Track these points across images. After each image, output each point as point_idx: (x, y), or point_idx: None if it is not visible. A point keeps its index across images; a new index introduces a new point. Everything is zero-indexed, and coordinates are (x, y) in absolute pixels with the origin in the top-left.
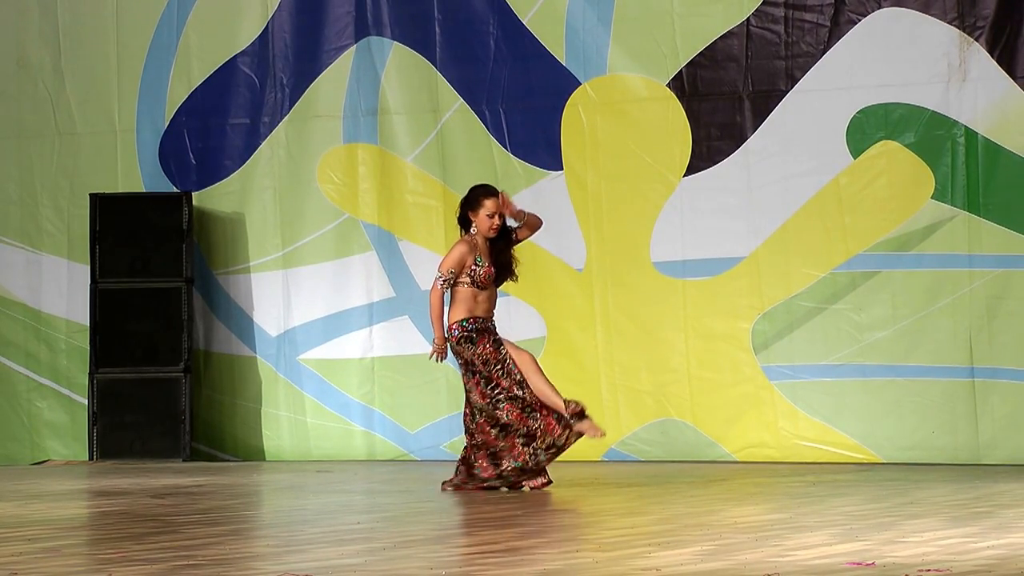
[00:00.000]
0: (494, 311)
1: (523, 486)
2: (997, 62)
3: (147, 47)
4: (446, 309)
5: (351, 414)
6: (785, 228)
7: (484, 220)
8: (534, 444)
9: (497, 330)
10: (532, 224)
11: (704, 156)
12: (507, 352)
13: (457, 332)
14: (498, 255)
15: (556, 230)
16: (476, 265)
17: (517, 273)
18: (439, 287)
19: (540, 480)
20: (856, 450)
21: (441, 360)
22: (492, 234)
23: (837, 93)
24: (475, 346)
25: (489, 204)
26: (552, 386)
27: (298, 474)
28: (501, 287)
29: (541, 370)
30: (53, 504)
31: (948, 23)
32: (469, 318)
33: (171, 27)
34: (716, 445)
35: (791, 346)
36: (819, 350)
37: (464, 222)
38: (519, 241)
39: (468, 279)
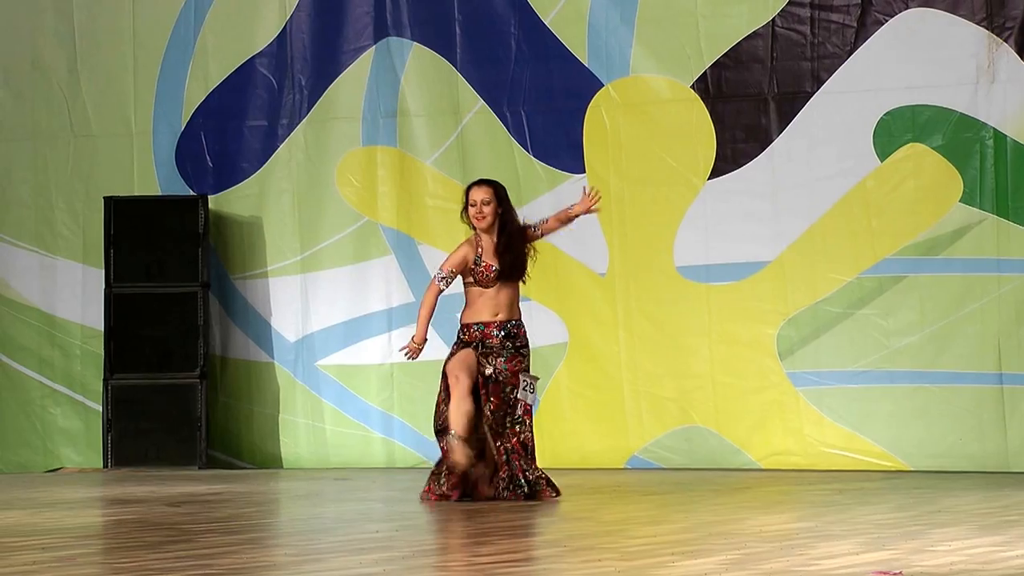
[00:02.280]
0: (513, 312)
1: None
2: None
3: (164, 48)
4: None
5: (370, 421)
6: (811, 232)
7: (469, 211)
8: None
9: (509, 336)
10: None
11: (729, 159)
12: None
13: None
14: (503, 251)
15: (578, 234)
16: (475, 263)
17: (529, 271)
18: (435, 284)
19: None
20: (883, 457)
21: (412, 358)
22: (479, 224)
23: (864, 95)
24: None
25: (471, 194)
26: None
27: (316, 482)
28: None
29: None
30: (67, 512)
31: (976, 24)
32: (465, 325)
33: (188, 28)
34: (741, 452)
35: (817, 352)
36: (845, 356)
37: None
38: (542, 235)
39: (472, 278)
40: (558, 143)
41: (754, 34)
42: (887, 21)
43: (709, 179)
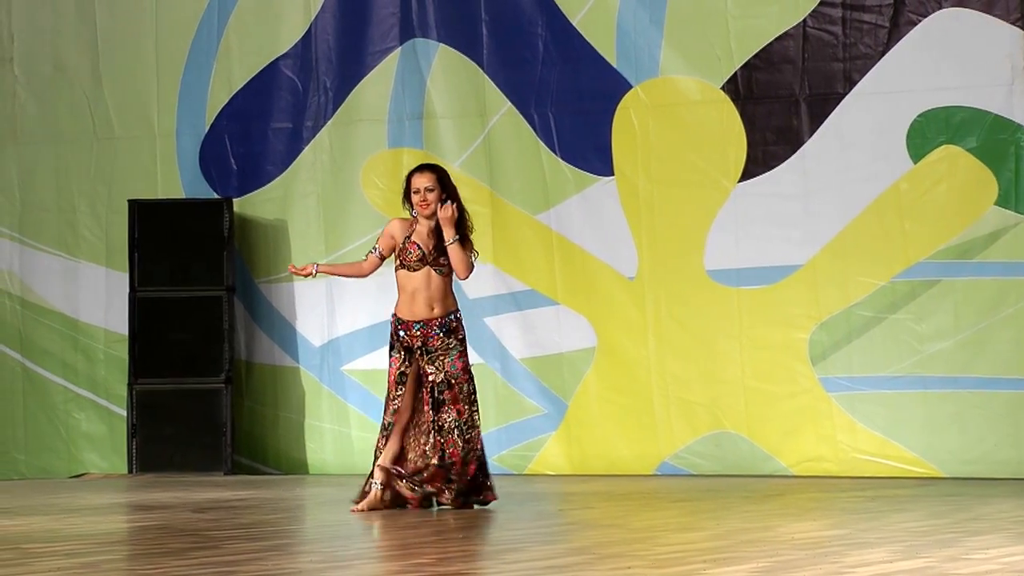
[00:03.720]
0: (448, 304)
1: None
2: None
3: (187, 50)
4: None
5: None
6: (843, 235)
7: (412, 198)
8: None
9: (450, 333)
10: (458, 259)
11: (759, 161)
12: (407, 385)
13: (390, 327)
14: (439, 240)
15: (607, 237)
16: (405, 244)
17: (464, 264)
18: (370, 256)
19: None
20: (917, 464)
21: (294, 271)
22: (424, 211)
23: (897, 96)
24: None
25: (414, 180)
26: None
27: (342, 488)
28: (546, 294)
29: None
30: (91, 518)
31: (1011, 24)
32: (403, 322)
33: (211, 29)
34: (772, 459)
35: (849, 357)
36: (878, 361)
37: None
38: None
39: (399, 260)
40: (586, 145)
41: (785, 35)
42: (920, 21)
43: (739, 181)
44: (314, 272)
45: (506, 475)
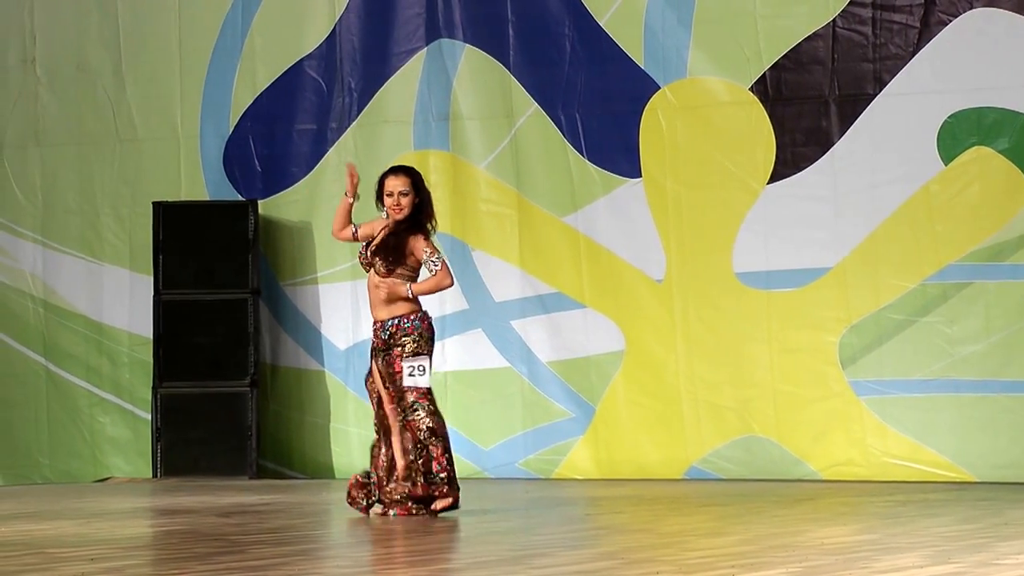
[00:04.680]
0: (394, 310)
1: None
2: None
3: (211, 50)
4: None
5: None
6: (873, 237)
7: (385, 200)
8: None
9: (388, 343)
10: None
11: (788, 162)
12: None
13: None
14: (386, 237)
15: (634, 239)
16: (363, 247)
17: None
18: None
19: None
20: (948, 468)
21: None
22: (396, 215)
23: (927, 97)
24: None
25: (387, 183)
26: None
27: None
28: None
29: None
30: (116, 523)
31: None
32: (374, 322)
33: (235, 30)
34: (802, 463)
35: (880, 360)
36: (909, 364)
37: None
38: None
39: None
40: (613, 146)
41: (814, 35)
42: (951, 21)
43: (768, 183)
44: (352, 198)
45: (533, 479)
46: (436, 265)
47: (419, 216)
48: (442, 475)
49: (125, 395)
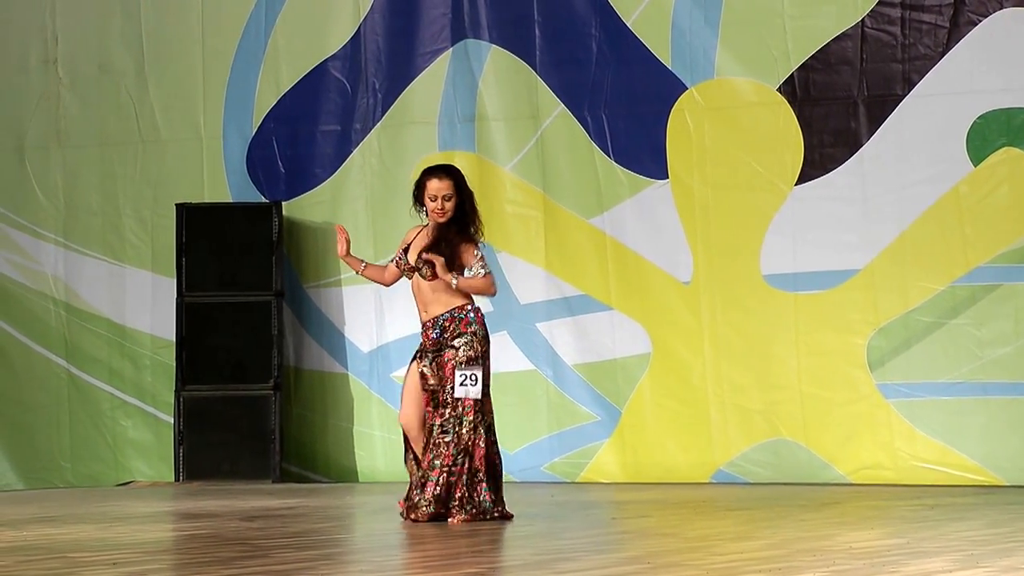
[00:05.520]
0: (448, 303)
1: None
2: None
3: (234, 51)
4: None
5: None
6: (902, 239)
7: (428, 204)
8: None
9: (440, 342)
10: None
11: (816, 164)
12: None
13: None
14: (429, 247)
15: (661, 241)
16: (401, 255)
17: (445, 276)
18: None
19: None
20: (977, 472)
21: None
22: (440, 219)
23: (956, 98)
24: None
25: (430, 186)
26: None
27: (392, 496)
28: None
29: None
30: (138, 527)
31: None
32: (424, 321)
33: (259, 30)
34: (829, 466)
35: (908, 363)
36: (938, 367)
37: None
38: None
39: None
40: (640, 148)
41: (843, 35)
42: (980, 21)
43: (796, 185)
44: (361, 270)
45: (558, 483)
46: (481, 274)
47: (464, 219)
48: (487, 502)
49: (148, 398)
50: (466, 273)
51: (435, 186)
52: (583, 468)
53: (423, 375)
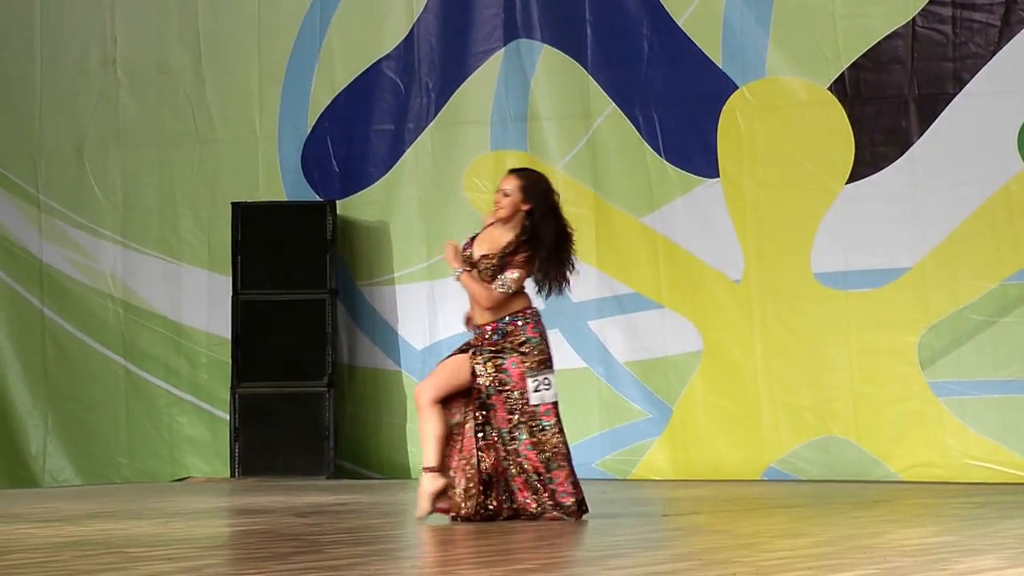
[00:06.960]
0: (501, 310)
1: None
2: None
3: (289, 51)
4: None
5: None
6: (952, 237)
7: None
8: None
9: (499, 345)
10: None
11: (867, 162)
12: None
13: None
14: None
15: (712, 240)
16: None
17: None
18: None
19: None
20: None
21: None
22: (497, 212)
23: (1008, 96)
24: None
25: (501, 180)
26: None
27: None
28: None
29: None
30: (194, 522)
31: None
32: (480, 325)
33: (314, 31)
34: (880, 464)
35: (959, 361)
36: (989, 365)
37: None
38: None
39: None
40: (691, 147)
41: (894, 34)
42: None
43: (847, 183)
44: (459, 274)
45: (610, 480)
46: (501, 287)
47: (535, 235)
48: (567, 502)
49: (203, 395)
50: (496, 282)
51: (501, 180)
52: (634, 465)
53: (475, 373)
